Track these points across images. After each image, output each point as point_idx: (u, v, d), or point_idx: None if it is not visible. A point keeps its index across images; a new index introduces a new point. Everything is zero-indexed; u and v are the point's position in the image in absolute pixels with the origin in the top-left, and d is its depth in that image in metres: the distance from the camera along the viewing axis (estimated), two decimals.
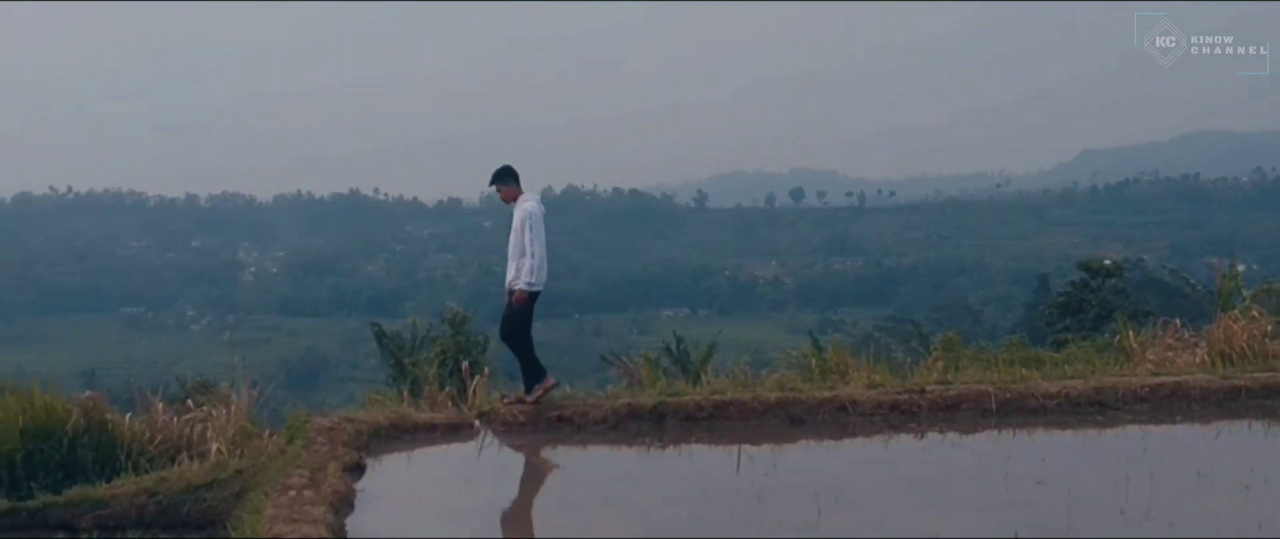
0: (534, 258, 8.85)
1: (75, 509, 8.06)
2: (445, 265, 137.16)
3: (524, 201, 9.07)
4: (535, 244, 8.86)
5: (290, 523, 5.77)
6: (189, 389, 13.95)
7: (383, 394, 12.26)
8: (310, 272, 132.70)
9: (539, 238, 8.89)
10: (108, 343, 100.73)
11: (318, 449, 7.41)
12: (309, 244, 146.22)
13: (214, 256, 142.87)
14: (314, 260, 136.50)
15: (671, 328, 22.80)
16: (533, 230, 8.86)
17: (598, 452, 8.30)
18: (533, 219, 8.89)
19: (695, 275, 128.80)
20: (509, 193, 9.21)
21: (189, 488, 8.02)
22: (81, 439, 8.95)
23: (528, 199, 9.11)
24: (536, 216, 8.93)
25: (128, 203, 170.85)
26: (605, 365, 19.12)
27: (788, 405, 8.86)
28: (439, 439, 8.50)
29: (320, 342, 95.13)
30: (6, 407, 8.92)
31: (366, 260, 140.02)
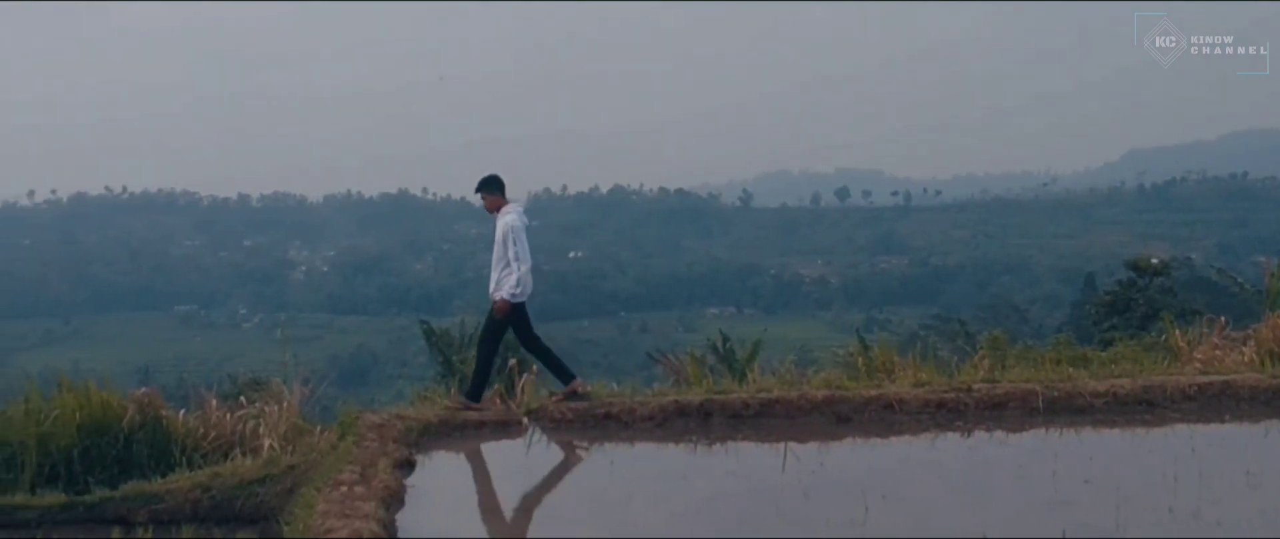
0: (520, 269, 8.87)
1: (131, 504, 8.22)
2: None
3: (506, 213, 9.11)
4: (521, 256, 8.89)
5: (342, 518, 5.82)
6: (241, 386, 14.17)
7: (432, 391, 12.36)
8: (360, 270, 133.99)
9: (524, 250, 8.92)
10: (161, 340, 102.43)
11: (368, 445, 7.48)
12: (359, 243, 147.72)
13: (265, 256, 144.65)
14: (363, 259, 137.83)
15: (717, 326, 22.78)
16: (516, 243, 8.87)
17: (645, 449, 8.31)
18: (515, 232, 8.91)
19: (740, 274, 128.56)
20: (493, 202, 9.24)
21: (242, 483, 8.15)
22: (137, 435, 9.13)
23: (509, 211, 9.13)
24: (519, 229, 8.96)
25: (181, 203, 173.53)
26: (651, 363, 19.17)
27: (834, 403, 8.84)
28: (488, 436, 8.57)
29: (369, 339, 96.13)
30: (64, 403, 9.10)
31: (415, 259, 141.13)
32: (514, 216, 9.04)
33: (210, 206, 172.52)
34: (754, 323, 79.87)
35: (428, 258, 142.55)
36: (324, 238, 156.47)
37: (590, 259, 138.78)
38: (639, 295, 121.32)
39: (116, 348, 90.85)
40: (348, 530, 5.61)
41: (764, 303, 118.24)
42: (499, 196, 9.24)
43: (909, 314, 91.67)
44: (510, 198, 9.36)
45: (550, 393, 9.44)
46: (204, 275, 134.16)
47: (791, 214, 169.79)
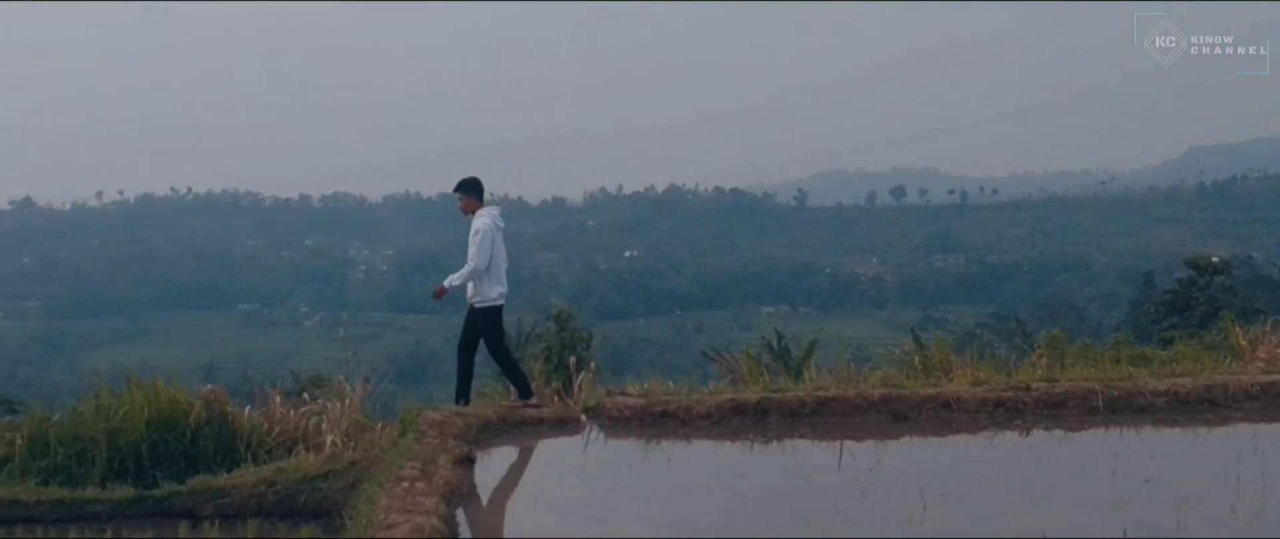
0: (467, 266, 8.98)
1: (198, 498, 8.39)
2: (549, 263, 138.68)
3: (480, 216, 9.18)
4: (474, 257, 8.97)
5: (404, 513, 5.91)
6: (303, 383, 14.39)
7: (490, 389, 12.48)
8: (418, 269, 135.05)
9: (484, 251, 8.97)
10: (225, 338, 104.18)
11: (429, 442, 7.58)
12: (417, 242, 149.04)
13: (326, 255, 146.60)
14: (421, 258, 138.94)
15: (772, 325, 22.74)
16: (479, 246, 8.95)
17: (702, 446, 8.34)
18: (482, 234, 8.99)
19: (795, 273, 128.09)
20: (468, 205, 9.34)
21: (305, 478, 8.29)
22: (203, 431, 9.34)
23: (484, 213, 9.21)
24: (486, 232, 9.01)
25: (244, 203, 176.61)
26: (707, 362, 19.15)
27: (891, 402, 8.81)
28: (546, 433, 8.66)
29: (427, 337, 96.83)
30: (133, 400, 9.32)
31: None
32: (487, 219, 9.13)
33: (272, 207, 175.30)
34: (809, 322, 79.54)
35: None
36: (383, 237, 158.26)
37: (646, 258, 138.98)
38: (694, 294, 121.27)
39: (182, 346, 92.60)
40: (410, 525, 5.69)
41: (819, 302, 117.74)
42: (474, 199, 9.33)
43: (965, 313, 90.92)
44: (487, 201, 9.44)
45: (608, 391, 9.50)
46: (266, 274, 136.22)
47: (847, 213, 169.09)
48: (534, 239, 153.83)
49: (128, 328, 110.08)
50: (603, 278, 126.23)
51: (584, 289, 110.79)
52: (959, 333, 40.96)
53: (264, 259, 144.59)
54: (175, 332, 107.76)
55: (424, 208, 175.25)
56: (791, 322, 75.35)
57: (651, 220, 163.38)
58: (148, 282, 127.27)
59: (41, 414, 9.46)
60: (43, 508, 8.36)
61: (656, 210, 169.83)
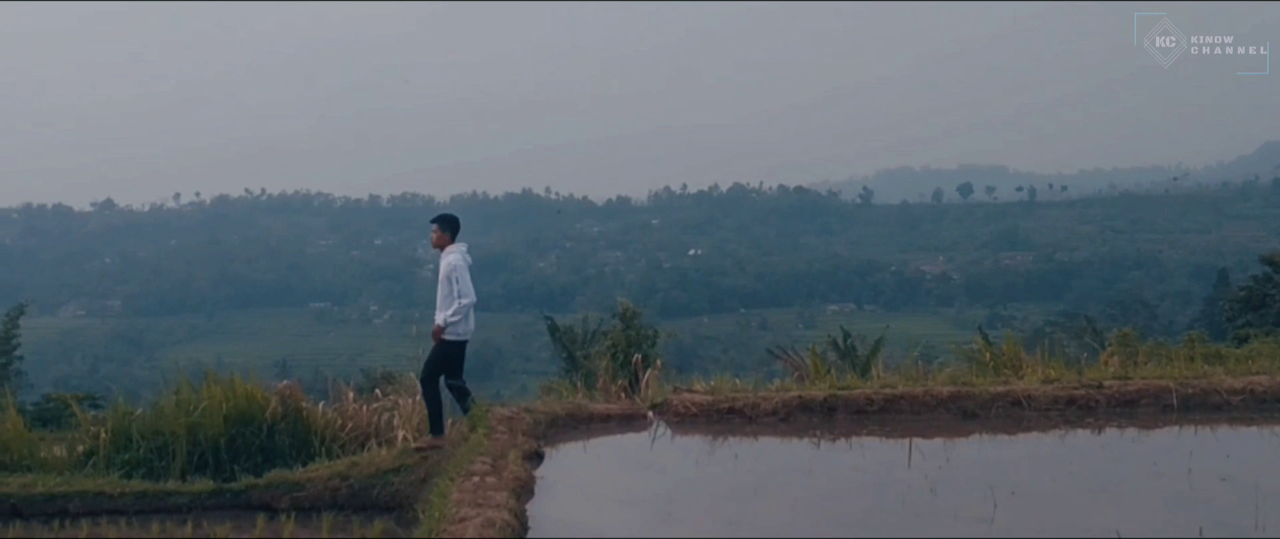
0: (462, 302, 8.93)
1: (274, 491, 8.58)
2: (614, 261, 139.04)
3: (449, 253, 9.19)
4: (464, 292, 8.95)
5: (475, 507, 5.99)
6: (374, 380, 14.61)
7: (558, 385, 12.57)
8: (484, 268, 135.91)
9: (466, 287, 8.98)
10: (298, 335, 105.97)
11: (498, 437, 7.67)
12: (483, 242, 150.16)
13: (395, 254, 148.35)
14: (488, 257, 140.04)
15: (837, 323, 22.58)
16: (459, 281, 8.95)
17: (768, 443, 8.35)
18: (457, 270, 8.98)
19: (861, 271, 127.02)
20: (440, 239, 9.34)
21: (378, 473, 8.44)
22: (279, 425, 9.51)
23: (452, 251, 9.21)
24: (460, 268, 9.03)
25: (316, 204, 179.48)
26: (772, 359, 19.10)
27: (960, 399, 8.75)
28: (613, 429, 8.72)
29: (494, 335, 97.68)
30: (212, 395, 9.51)
31: (538, 257, 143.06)
32: (456, 256, 9.13)
33: (343, 207, 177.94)
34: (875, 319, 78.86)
35: (550, 256, 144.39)
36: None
37: (710, 256, 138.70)
38: (759, 292, 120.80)
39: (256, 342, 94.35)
40: (481, 519, 5.78)
41: (885, 299, 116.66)
42: (448, 236, 9.36)
43: (1034, 311, 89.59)
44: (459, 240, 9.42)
45: (674, 387, 9.54)
46: (337, 273, 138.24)
47: (913, 210, 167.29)
48: (599, 238, 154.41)
49: (204, 325, 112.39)
50: (667, 276, 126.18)
51: (648, 287, 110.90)
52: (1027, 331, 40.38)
53: (335, 258, 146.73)
54: (250, 329, 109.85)
55: (491, 207, 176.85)
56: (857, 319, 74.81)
57: (716, 218, 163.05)
58: (224, 280, 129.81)
59: (124, 409, 9.69)
60: (126, 499, 8.60)
61: (721, 208, 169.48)
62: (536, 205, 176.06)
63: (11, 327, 17.47)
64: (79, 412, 10.30)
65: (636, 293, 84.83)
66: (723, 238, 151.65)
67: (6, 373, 16.71)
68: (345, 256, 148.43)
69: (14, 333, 17.46)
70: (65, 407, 11.57)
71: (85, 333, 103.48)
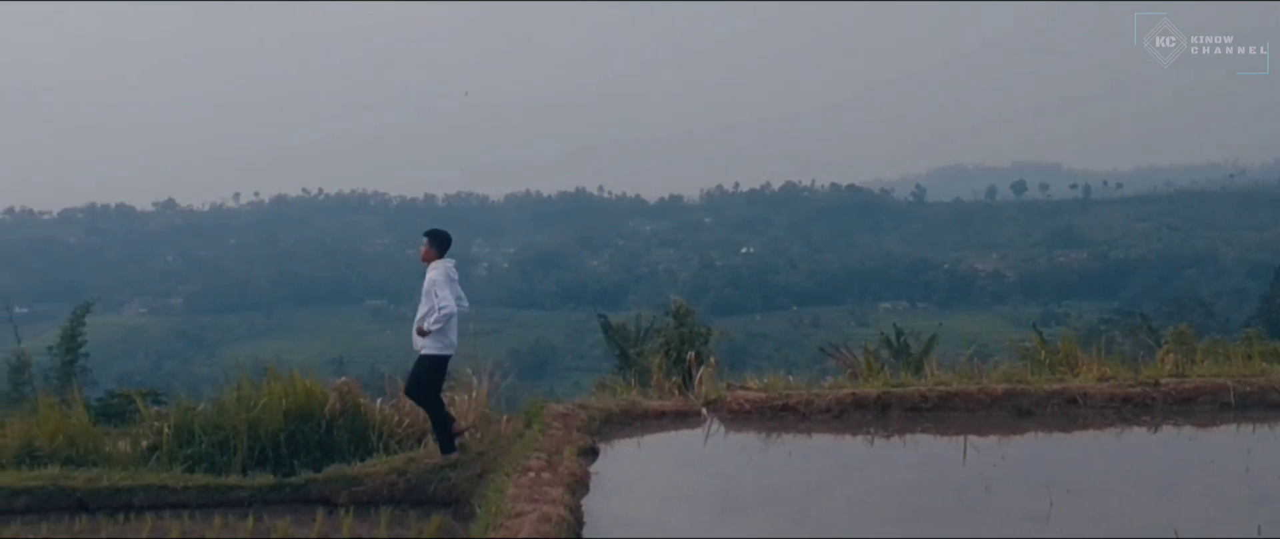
0: (441, 311, 8.90)
1: (333, 486, 8.73)
2: (666, 259, 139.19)
3: (434, 268, 9.21)
4: (443, 302, 8.92)
5: (531, 503, 6.05)
6: None
7: (611, 382, 12.59)
8: (538, 266, 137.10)
9: (444, 297, 8.95)
10: (354, 333, 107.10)
11: (553, 434, 7.73)
12: (537, 240, 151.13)
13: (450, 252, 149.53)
14: (542, 256, 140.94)
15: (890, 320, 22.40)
16: (438, 295, 8.94)
17: (823, 440, 8.33)
18: (436, 285, 9.00)
19: (913, 268, 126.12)
20: (428, 253, 9.37)
21: (435, 468, 8.56)
22: (337, 421, 9.65)
23: (437, 267, 9.23)
24: (440, 282, 9.03)
25: (372, 203, 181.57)
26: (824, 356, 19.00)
27: (1015, 397, 8.70)
28: (668, 426, 8.75)
29: (548, 333, 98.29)
30: (272, 391, 9.68)
31: (591, 255, 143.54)
32: (439, 272, 9.15)
33: (398, 207, 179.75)
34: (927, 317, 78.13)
35: (603, 254, 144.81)
36: (505, 235, 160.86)
37: (762, 254, 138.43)
38: (810, 290, 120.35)
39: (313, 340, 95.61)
40: (537, 514, 5.83)
41: (938, 297, 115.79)
42: (435, 251, 9.39)
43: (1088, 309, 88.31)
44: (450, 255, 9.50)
45: (728, 384, 9.54)
46: (393, 271, 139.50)
47: (966, 208, 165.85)
48: (651, 236, 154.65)
49: (263, 322, 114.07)
50: (719, 274, 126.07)
51: (701, 285, 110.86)
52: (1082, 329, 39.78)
53: (391, 257, 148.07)
54: (307, 326, 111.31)
55: (544, 206, 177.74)
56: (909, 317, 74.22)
57: (768, 217, 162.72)
58: (282, 279, 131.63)
59: (186, 405, 9.88)
60: (189, 493, 8.79)
61: (773, 207, 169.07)
62: (590, 204, 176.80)
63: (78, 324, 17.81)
64: (143, 407, 10.50)
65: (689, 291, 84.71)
66: (775, 236, 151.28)
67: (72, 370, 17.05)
68: (400, 255, 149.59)
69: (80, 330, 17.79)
70: (129, 402, 11.79)
71: (148, 330, 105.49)
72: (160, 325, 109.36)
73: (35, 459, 9.49)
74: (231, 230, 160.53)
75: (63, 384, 15.52)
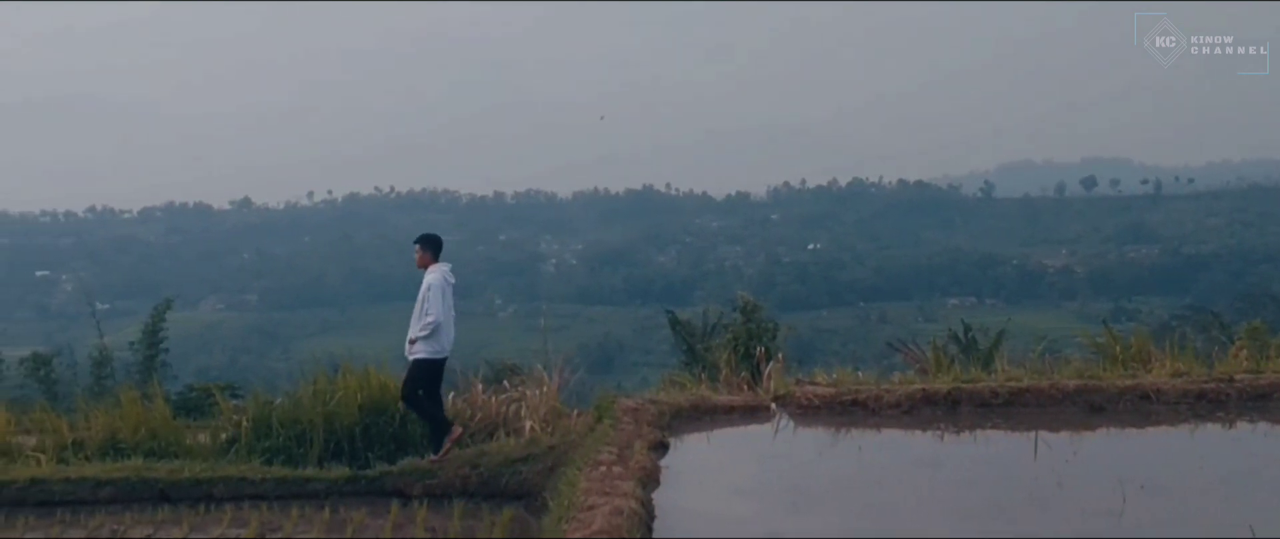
0: (426, 319, 9.07)
1: (407, 478, 8.89)
2: (733, 256, 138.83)
3: (430, 273, 9.32)
4: (429, 310, 9.08)
5: (603, 496, 6.10)
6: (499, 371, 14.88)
7: (679, 378, 12.63)
8: (606, 263, 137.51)
9: (434, 307, 9.09)
10: None
11: (624, 428, 7.78)
12: (605, 237, 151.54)
13: (519, 249, 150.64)
14: (609, 252, 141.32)
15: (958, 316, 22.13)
16: (428, 301, 9.08)
17: (892, 435, 8.30)
18: (433, 290, 9.12)
19: (981, 264, 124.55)
20: (423, 259, 9.50)
21: (507, 461, 8.66)
22: (411, 415, 9.78)
23: (434, 271, 9.34)
24: (436, 288, 9.14)
25: (442, 201, 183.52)
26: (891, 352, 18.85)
27: (1087, 393, 8.62)
28: (737, 420, 8.77)
29: (615, 329, 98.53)
30: (347, 385, 9.88)
31: (658, 252, 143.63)
32: (437, 276, 9.28)
33: (468, 204, 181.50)
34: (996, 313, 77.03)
35: (670, 250, 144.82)
36: (573, 232, 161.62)
37: (829, 250, 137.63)
38: (877, 286, 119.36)
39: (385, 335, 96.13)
40: (609, 507, 5.88)
41: (1006, 293, 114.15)
42: (430, 256, 9.52)
43: (1159, 305, 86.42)
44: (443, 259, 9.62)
45: (797, 380, 9.52)
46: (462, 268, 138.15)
47: (1034, 204, 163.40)
48: (718, 233, 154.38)
49: (336, 318, 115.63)
50: (786, 270, 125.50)
51: (767, 281, 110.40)
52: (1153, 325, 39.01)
53: (460, 253, 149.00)
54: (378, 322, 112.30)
55: (612, 203, 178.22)
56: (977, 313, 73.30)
57: (835, 213, 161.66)
58: (354, 275, 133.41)
59: (264, 398, 10.12)
60: (267, 485, 8.99)
61: (840, 203, 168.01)
62: (657, 201, 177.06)
63: (158, 320, 18.26)
64: (222, 401, 10.76)
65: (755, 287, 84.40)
66: (842, 232, 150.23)
67: (153, 364, 17.51)
68: (470, 252, 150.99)
69: (161, 326, 18.25)
70: (207, 396, 12.09)
71: (224, 326, 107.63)
72: (236, 321, 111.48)
73: (119, 451, 9.78)
74: (305, 228, 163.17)
75: (144, 378, 15.93)
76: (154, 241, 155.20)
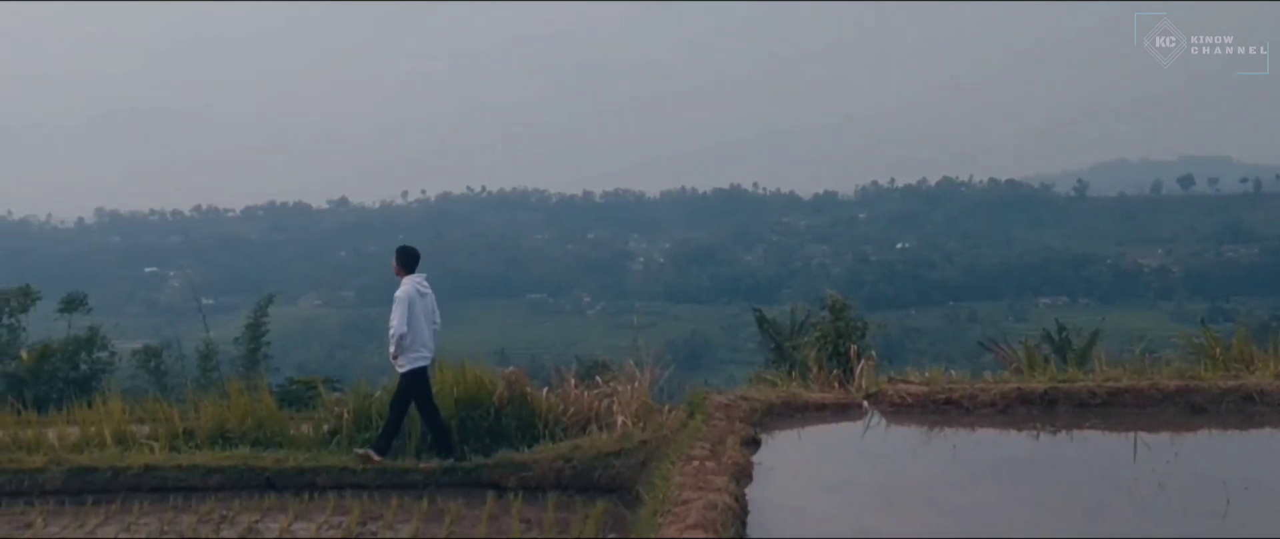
0: (390, 332, 9.28)
1: (502, 470, 9.05)
2: (820, 255, 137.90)
3: (403, 284, 9.50)
4: (393, 322, 9.28)
5: (696, 490, 6.16)
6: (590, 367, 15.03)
7: (769, 375, 12.63)
8: (693, 261, 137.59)
9: (398, 317, 9.27)
10: (515, 325, 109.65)
11: (716, 424, 7.83)
12: (692, 236, 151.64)
13: (607, 248, 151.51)
14: (696, 251, 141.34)
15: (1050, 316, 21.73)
16: (395, 312, 9.29)
17: (987, 434, 8.23)
18: (398, 303, 9.31)
19: (1074, 264, 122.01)
20: (398, 271, 9.69)
21: (600, 455, 8.77)
22: (506, 409, 9.96)
23: (405, 282, 9.51)
24: (401, 300, 9.32)
25: (532, 200, 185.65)
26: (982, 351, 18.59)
27: (1188, 393, 8.46)
28: (828, 417, 8.77)
29: (702, 326, 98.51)
30: (443, 379, 10.06)
31: (745, 251, 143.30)
32: (408, 288, 9.46)
33: (558, 203, 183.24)
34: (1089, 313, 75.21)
35: (757, 249, 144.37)
36: (660, 231, 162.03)
37: (918, 249, 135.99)
38: (967, 285, 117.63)
39: (476, 331, 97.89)
40: (703, 502, 5.94)
41: (1099, 293, 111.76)
42: (401, 269, 9.70)
43: (1259, 305, 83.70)
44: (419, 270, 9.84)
45: (889, 378, 9.48)
46: (552, 266, 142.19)
47: (1130, 203, 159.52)
48: (806, 232, 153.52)
49: None
50: (873, 269, 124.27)
51: (854, 280, 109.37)
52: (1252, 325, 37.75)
53: (550, 252, 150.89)
54: (469, 318, 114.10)
55: (699, 202, 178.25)
56: (1070, 312, 71.67)
57: (924, 212, 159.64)
58: (446, 273, 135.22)
59: (364, 391, 10.38)
60: (368, 475, 9.24)
61: (929, 202, 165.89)
62: (744, 200, 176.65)
63: (261, 315, 18.81)
64: (325, 394, 11.06)
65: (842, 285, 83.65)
66: (931, 231, 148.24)
67: (256, 357, 18.07)
68: (560, 250, 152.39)
69: (263, 321, 18.79)
70: (309, 388, 12.43)
71: (322, 321, 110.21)
72: (333, 317, 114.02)
73: (227, 440, 10.09)
74: (399, 227, 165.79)
75: (248, 371, 16.44)
76: (256, 239, 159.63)
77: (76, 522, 8.70)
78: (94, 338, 17.43)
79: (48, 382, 16.18)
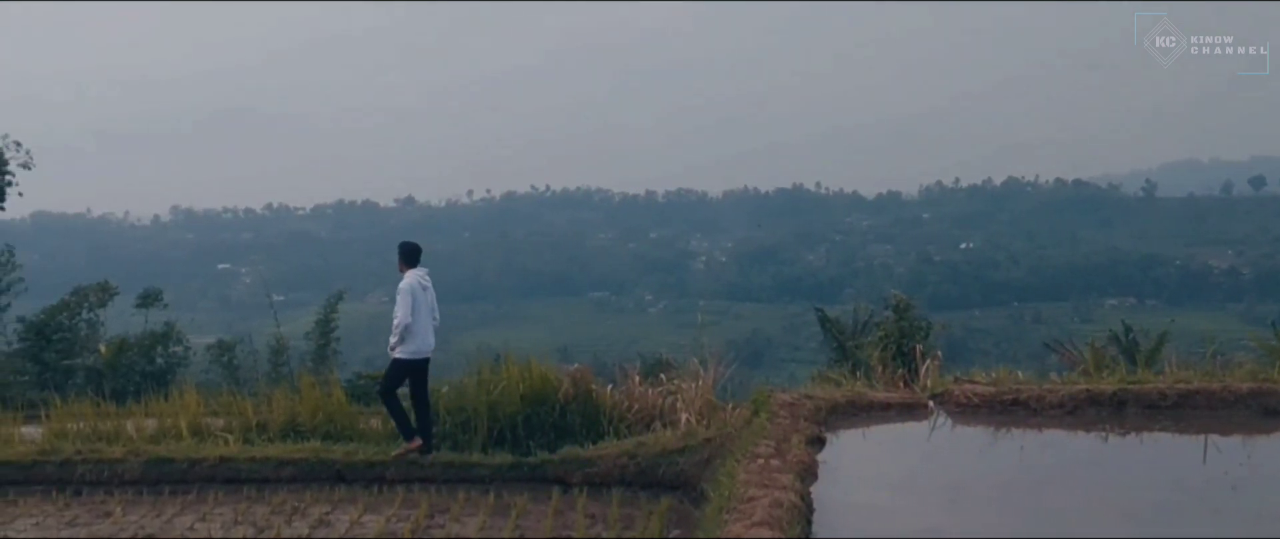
0: (394, 322, 9.49)
1: (567, 466, 9.17)
2: (883, 255, 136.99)
3: (405, 278, 9.66)
4: (397, 314, 9.48)
5: (761, 488, 6.17)
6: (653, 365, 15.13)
7: (832, 374, 12.62)
8: (755, 261, 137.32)
9: (403, 309, 9.45)
10: (578, 322, 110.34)
11: (781, 422, 7.84)
12: (754, 235, 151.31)
13: (669, 247, 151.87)
14: (758, 250, 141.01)
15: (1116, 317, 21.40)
16: (398, 304, 9.48)
17: (1054, 435, 8.14)
18: (401, 294, 9.49)
19: (1142, 265, 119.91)
20: (401, 267, 9.87)
21: (664, 452, 8.85)
22: (570, 405, 10.10)
23: (408, 276, 9.67)
24: (404, 292, 9.51)
25: (596, 199, 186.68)
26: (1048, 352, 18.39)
27: (1261, 396, 8.31)
28: (893, 417, 8.74)
29: (764, 325, 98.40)
30: (509, 375, 10.21)
31: (807, 250, 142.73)
32: (408, 282, 9.63)
33: (621, 203, 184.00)
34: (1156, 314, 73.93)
35: (819, 249, 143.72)
36: (722, 230, 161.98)
37: (982, 249, 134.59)
38: (1032, 285, 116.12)
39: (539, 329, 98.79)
40: (768, 500, 5.95)
41: (1168, 294, 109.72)
42: (403, 263, 9.89)
43: None
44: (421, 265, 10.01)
45: (955, 378, 9.43)
46: (614, 265, 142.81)
47: (1199, 204, 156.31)
48: (868, 232, 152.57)
49: (493, 312, 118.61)
50: (937, 269, 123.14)
51: (918, 280, 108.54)
52: None
53: (613, 251, 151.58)
54: (533, 316, 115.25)
55: (760, 202, 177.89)
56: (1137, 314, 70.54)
57: (988, 212, 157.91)
58: (510, 271, 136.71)
59: (431, 387, 10.56)
60: (435, 469, 9.43)
61: (994, 202, 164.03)
62: (806, 200, 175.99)
63: (331, 311, 19.13)
64: None
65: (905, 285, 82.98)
66: (995, 231, 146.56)
67: (326, 352, 18.40)
68: (622, 249, 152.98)
69: (333, 317, 19.11)
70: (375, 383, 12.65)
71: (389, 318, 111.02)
72: None
73: (298, 433, 10.35)
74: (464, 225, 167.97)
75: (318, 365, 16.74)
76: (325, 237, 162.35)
77: (154, 511, 8.97)
78: (170, 332, 17.89)
79: (125, 374, 16.66)
